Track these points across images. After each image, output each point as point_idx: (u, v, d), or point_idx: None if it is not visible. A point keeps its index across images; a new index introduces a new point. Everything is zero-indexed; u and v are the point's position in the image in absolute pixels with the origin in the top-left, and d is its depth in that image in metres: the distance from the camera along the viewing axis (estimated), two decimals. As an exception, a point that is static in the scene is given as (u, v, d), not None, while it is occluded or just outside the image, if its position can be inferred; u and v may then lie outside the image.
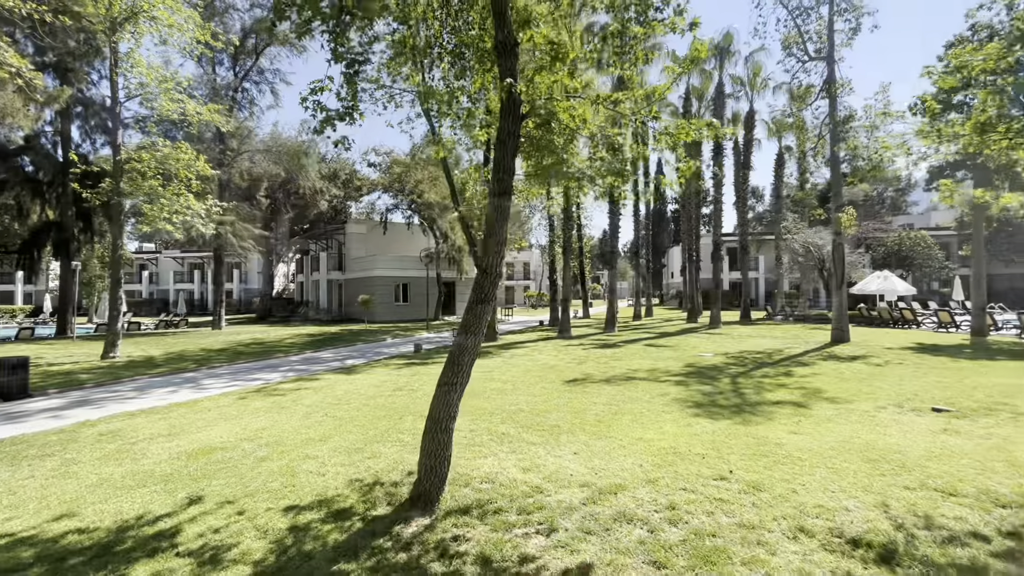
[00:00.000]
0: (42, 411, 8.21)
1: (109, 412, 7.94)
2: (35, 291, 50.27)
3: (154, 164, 14.53)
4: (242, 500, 4.33)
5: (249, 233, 24.49)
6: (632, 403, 7.84)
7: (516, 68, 4.49)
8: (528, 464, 5.10)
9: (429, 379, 10.30)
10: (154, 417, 7.47)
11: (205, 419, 7.26)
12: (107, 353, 13.97)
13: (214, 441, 6.09)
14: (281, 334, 22.03)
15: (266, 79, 26.37)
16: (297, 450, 5.68)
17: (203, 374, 12.01)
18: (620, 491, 4.39)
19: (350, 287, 34.57)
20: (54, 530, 3.84)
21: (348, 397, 8.63)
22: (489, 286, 4.35)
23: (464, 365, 4.29)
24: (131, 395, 9.57)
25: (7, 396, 9.22)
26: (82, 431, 6.73)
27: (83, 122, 21.87)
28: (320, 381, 10.44)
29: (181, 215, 15.00)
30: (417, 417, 7.10)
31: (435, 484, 4.16)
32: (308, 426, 6.72)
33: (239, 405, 8.20)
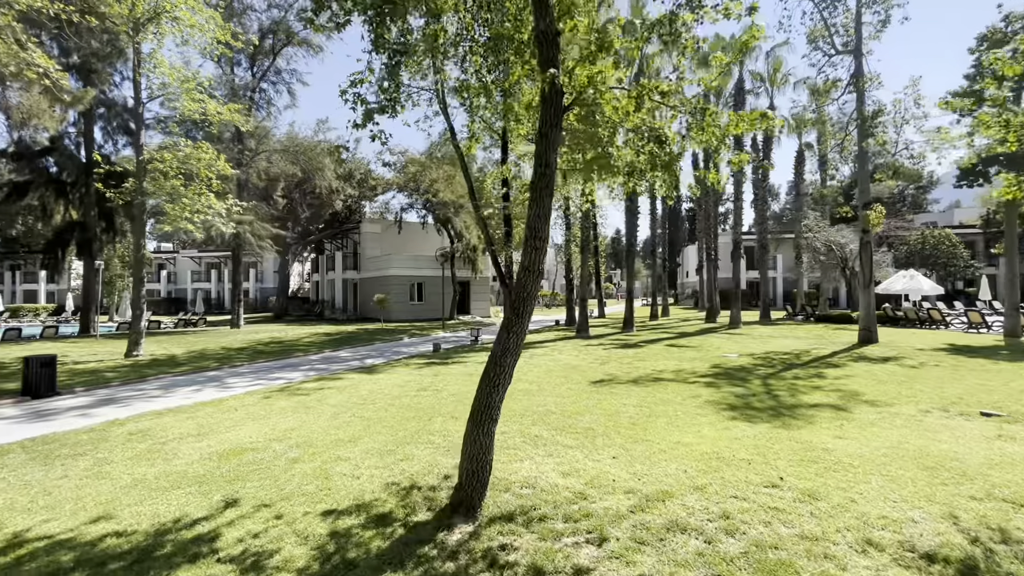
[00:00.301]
0: (70, 409, 8.24)
1: (137, 411, 7.93)
2: (57, 290, 51.26)
3: (176, 164, 14.62)
4: (278, 504, 4.23)
5: (267, 232, 24.63)
6: (664, 405, 7.64)
7: (558, 58, 4.33)
8: (567, 468, 4.94)
9: (452, 379, 10.19)
10: (181, 416, 7.44)
11: (232, 419, 7.21)
12: (131, 351, 14.08)
13: (244, 441, 6.02)
14: (299, 333, 22.10)
15: (283, 79, 26.55)
16: (328, 451, 5.58)
17: (226, 373, 12.03)
18: (668, 498, 4.21)
19: (365, 286, 34.67)
20: (92, 533, 3.77)
21: (373, 397, 8.54)
22: (532, 284, 4.20)
23: (507, 366, 4.14)
24: (157, 394, 9.58)
25: (36, 393, 9.29)
26: (112, 430, 6.71)
27: (105, 123, 22.16)
28: (343, 381, 10.37)
29: (202, 214, 15.08)
30: (447, 418, 6.98)
31: (477, 489, 4.02)
32: (337, 427, 6.63)
33: (265, 404, 8.15)
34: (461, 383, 9.73)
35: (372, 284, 33.47)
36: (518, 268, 4.26)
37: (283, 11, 24.92)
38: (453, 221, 31.89)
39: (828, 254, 27.26)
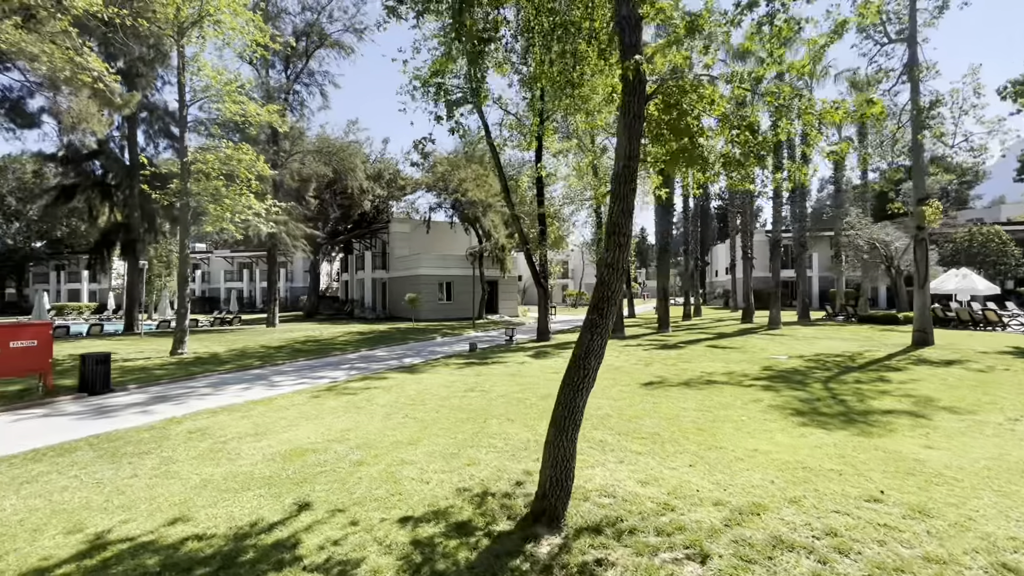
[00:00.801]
0: (128, 406, 8.37)
1: (192, 409, 8.00)
2: (99, 289, 53.13)
3: (218, 165, 14.85)
4: (352, 509, 4.11)
5: (301, 232, 24.95)
6: (726, 410, 7.32)
7: (641, 44, 4.11)
8: (644, 476, 4.70)
9: (497, 379, 10.03)
10: (236, 415, 7.45)
11: (286, 418, 7.18)
12: (176, 349, 14.35)
13: (303, 442, 5.96)
14: (333, 332, 22.31)
15: (315, 81, 26.85)
16: (390, 454, 5.46)
17: (270, 371, 12.13)
18: (762, 511, 3.94)
19: (394, 285, 34.89)
20: (172, 536, 3.71)
21: (421, 398, 8.44)
22: (616, 282, 3.98)
23: (591, 368, 3.93)
24: (207, 391, 9.69)
25: (92, 390, 9.48)
26: (171, 428, 6.74)
27: (147, 126, 22.73)
28: (387, 380, 10.32)
29: (242, 215, 15.29)
30: (502, 420, 6.81)
31: (560, 498, 3.82)
32: (392, 428, 6.53)
33: (315, 404, 8.12)
34: (507, 384, 9.56)
35: (401, 283, 33.66)
36: (599, 266, 4.05)
37: (316, 13, 25.21)
38: (481, 220, 31.80)
39: (871, 252, 26.23)
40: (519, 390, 8.94)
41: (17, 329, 8.89)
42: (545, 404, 7.77)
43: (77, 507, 4.25)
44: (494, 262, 31.89)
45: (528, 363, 12.41)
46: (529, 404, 7.80)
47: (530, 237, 18.01)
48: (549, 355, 13.93)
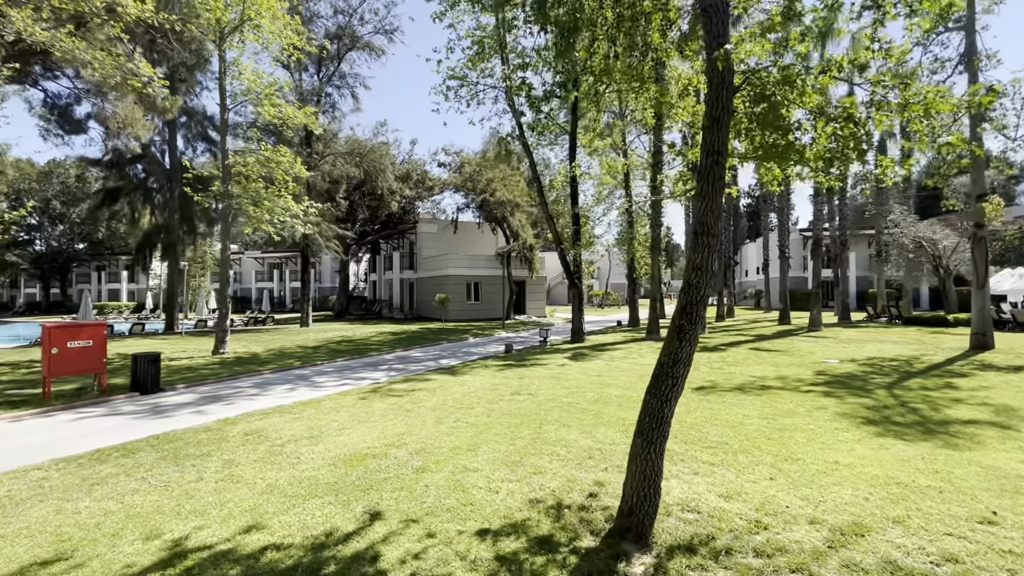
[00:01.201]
0: (180, 406, 8.47)
1: (242, 410, 8.04)
2: (137, 289, 54.92)
3: (257, 168, 15.05)
4: (425, 519, 3.98)
5: (333, 233, 25.23)
6: (790, 417, 6.98)
7: (728, 33, 3.87)
8: (725, 490, 4.45)
9: (541, 382, 9.84)
10: (288, 417, 7.45)
11: (338, 421, 7.14)
12: (217, 349, 14.60)
13: (360, 447, 5.88)
14: (366, 332, 22.47)
15: (347, 83, 27.12)
16: (451, 460, 5.33)
17: (311, 371, 12.21)
18: (865, 532, 3.65)
19: (422, 286, 35.05)
20: (249, 545, 3.63)
21: (469, 401, 8.31)
22: (704, 284, 3.75)
23: (679, 377, 3.71)
24: (254, 392, 9.77)
25: (144, 389, 9.66)
26: (227, 429, 6.76)
27: (186, 131, 23.30)
28: (430, 382, 10.24)
29: (281, 216, 15.47)
30: (558, 426, 6.62)
31: (648, 514, 3.62)
32: (446, 433, 6.40)
33: (363, 406, 8.07)
34: (552, 387, 9.37)
35: (428, 284, 33.79)
36: (686, 268, 3.82)
37: (347, 16, 25.45)
38: (509, 220, 31.70)
39: (917, 251, 25.13)
40: (566, 394, 8.74)
41: (75, 329, 9.11)
42: (597, 409, 7.56)
43: (150, 511, 4.23)
44: (522, 262, 31.73)
45: (568, 366, 12.19)
46: (581, 409, 7.59)
47: (564, 236, 17.77)
48: (587, 357, 13.68)
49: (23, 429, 7.27)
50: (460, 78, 17.44)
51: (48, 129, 21.19)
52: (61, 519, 4.10)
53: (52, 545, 3.67)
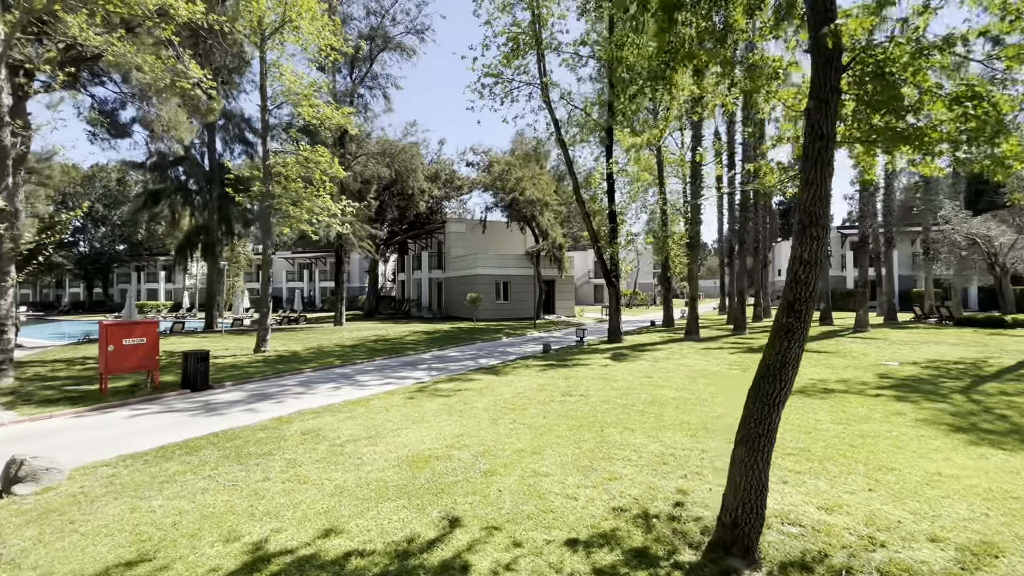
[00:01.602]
0: (231, 403, 8.51)
1: (293, 408, 8.02)
2: (174, 288, 56.61)
3: (297, 168, 15.18)
4: (507, 527, 3.79)
5: (366, 232, 25.41)
6: (866, 423, 6.57)
7: (835, 8, 3.56)
8: (822, 501, 4.14)
9: (588, 383, 9.58)
10: (340, 415, 7.38)
11: (392, 420, 7.03)
12: (259, 347, 14.77)
13: (420, 448, 5.74)
14: (399, 331, 22.54)
15: (378, 84, 27.30)
16: (518, 464, 5.14)
17: (352, 370, 12.22)
18: (1000, 553, 3.31)
19: (450, 285, 35.10)
20: (331, 550, 3.50)
21: (519, 402, 8.12)
22: (813, 280, 3.46)
23: (787, 380, 3.43)
24: (300, 390, 9.78)
25: (194, 386, 9.77)
26: (283, 428, 6.72)
27: (224, 133, 23.77)
28: (475, 382, 10.08)
29: (319, 216, 15.57)
30: (621, 429, 6.36)
31: (754, 527, 3.35)
32: (506, 435, 6.22)
33: (413, 406, 7.96)
34: (601, 389, 9.10)
35: (457, 283, 33.79)
36: (791, 262, 3.53)
37: (380, 17, 25.62)
38: (538, 219, 31.44)
39: (970, 248, 23.90)
40: (619, 396, 8.47)
41: (130, 327, 9.26)
42: (655, 412, 7.27)
43: (223, 511, 4.15)
44: (552, 261, 31.43)
45: (612, 366, 11.90)
46: (639, 411, 7.32)
47: (600, 235, 17.45)
48: (629, 358, 13.35)
49: (85, 424, 7.39)
50: (495, 75, 17.31)
51: (95, 133, 21.91)
52: (137, 518, 4.05)
53: (133, 545, 3.61)
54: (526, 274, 32.64)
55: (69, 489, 4.69)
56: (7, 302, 9.84)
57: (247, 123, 23.41)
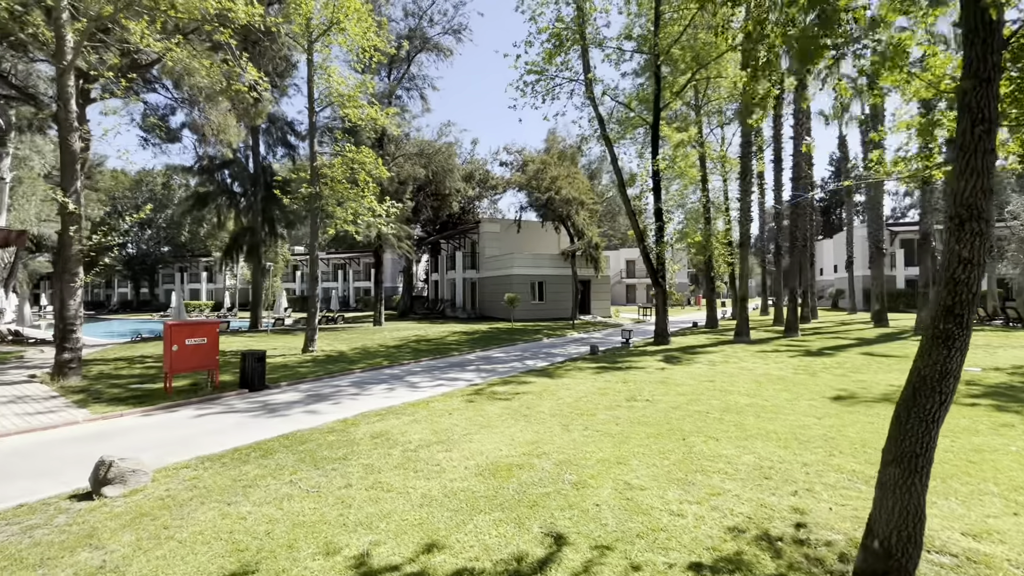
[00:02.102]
0: (291, 404, 8.50)
1: (354, 410, 7.94)
2: (215, 289, 58.45)
3: (343, 169, 15.26)
4: (618, 546, 3.52)
5: (406, 233, 25.54)
6: (974, 435, 6.04)
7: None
8: (965, 527, 3.73)
9: (650, 387, 9.22)
10: (404, 419, 7.25)
11: (458, 425, 6.85)
12: (307, 347, 14.91)
13: (497, 455, 5.53)
14: (438, 331, 22.54)
15: (415, 85, 27.41)
16: (606, 475, 4.87)
17: (401, 371, 12.17)
18: None
19: (484, 285, 35.03)
20: (439, 567, 3.30)
21: (584, 407, 7.84)
22: (975, 281, 3.08)
23: (948, 393, 3.05)
24: (354, 391, 9.74)
25: (251, 386, 9.84)
26: (351, 431, 6.62)
27: (267, 136, 24.27)
28: (530, 384, 9.84)
29: (364, 217, 15.62)
30: (705, 439, 6.01)
31: (911, 557, 2.99)
32: (583, 442, 5.95)
33: (474, 410, 7.77)
34: (665, 393, 8.73)
35: (491, 283, 33.69)
36: (949, 259, 3.15)
37: (417, 18, 25.71)
38: (574, 219, 31.04)
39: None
40: (687, 401, 8.09)
41: (193, 328, 9.38)
42: (734, 419, 6.87)
43: (314, 520, 4.02)
44: (588, 261, 30.99)
45: (669, 370, 11.48)
46: (716, 419, 6.94)
47: (647, 233, 16.99)
48: (682, 360, 12.89)
49: (154, 423, 7.47)
50: (538, 72, 17.08)
51: (147, 138, 22.67)
52: (230, 525, 3.95)
53: (232, 555, 3.50)
54: (561, 274, 32.28)
55: (156, 492, 4.65)
56: (76, 302, 10.13)
57: (289, 126, 23.83)
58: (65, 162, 10.07)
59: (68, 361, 10.05)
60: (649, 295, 58.91)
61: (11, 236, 7.36)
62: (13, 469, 5.50)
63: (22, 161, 29.90)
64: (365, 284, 56.77)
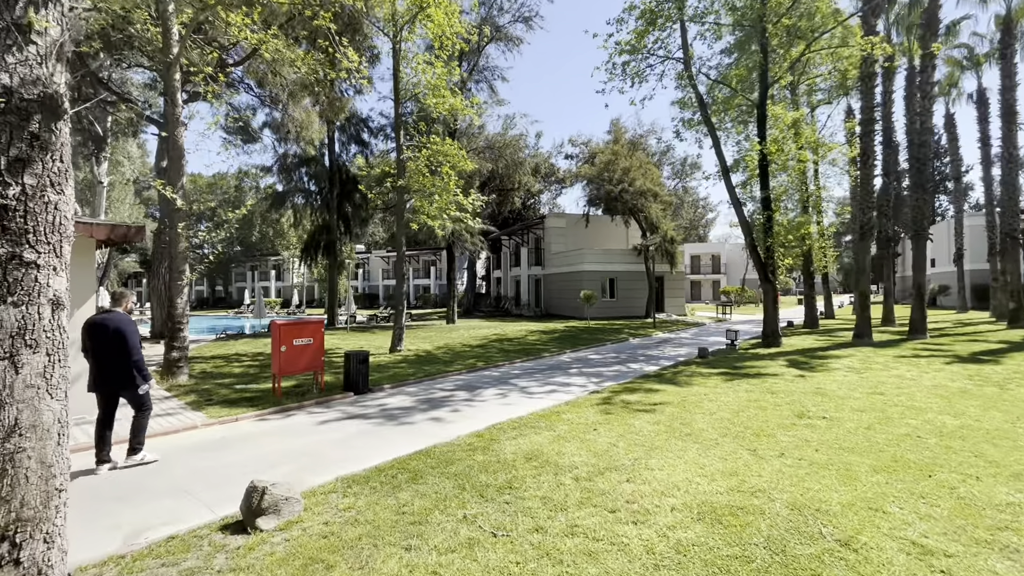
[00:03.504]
0: (406, 411, 7.81)
1: (479, 420, 7.14)
2: (283, 286, 60.73)
3: (427, 162, 14.66)
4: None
5: (478, 228, 24.89)
6: None
7: None
8: None
9: (807, 399, 7.88)
10: (544, 433, 6.34)
11: (616, 445, 5.86)
12: (395, 347, 14.44)
13: (702, 492, 4.48)
14: (514, 329, 21.76)
15: (485, 77, 26.70)
16: (872, 528, 3.71)
17: (500, 373, 11.38)
18: None
19: (549, 282, 34.02)
20: None
21: (748, 423, 6.65)
22: None
23: None
24: (464, 395, 9.00)
25: (356, 389, 9.30)
26: (496, 449, 5.77)
27: (341, 134, 24.27)
28: (660, 393, 8.72)
29: (450, 211, 14.97)
30: (963, 477, 4.70)
31: None
32: (793, 474, 4.80)
33: (619, 424, 6.76)
34: (837, 408, 7.38)
35: (558, 280, 32.64)
36: None
37: (487, 7, 24.94)
38: (647, 212, 29.44)
39: None
40: (875, 420, 6.72)
41: (299, 327, 8.91)
42: (963, 446, 5.48)
43: None
44: (663, 256, 29.31)
45: (810, 377, 10.02)
46: (941, 446, 5.57)
47: (756, 225, 15.40)
48: (813, 366, 11.35)
49: (272, 430, 6.96)
50: (631, 51, 15.85)
51: (230, 140, 23.18)
52: (425, 584, 3.13)
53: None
54: (634, 270, 30.77)
55: (314, 526, 3.94)
56: (183, 300, 9.95)
57: (363, 123, 23.73)
58: (172, 157, 9.89)
59: (176, 360, 9.89)
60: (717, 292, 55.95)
61: (130, 232, 7.01)
62: (147, 483, 5.02)
63: (115, 166, 31.60)
64: (424, 282, 57.16)
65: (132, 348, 5.29)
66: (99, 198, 24.61)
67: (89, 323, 5.34)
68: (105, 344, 5.23)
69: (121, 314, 5.44)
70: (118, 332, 5.26)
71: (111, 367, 5.27)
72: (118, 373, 5.29)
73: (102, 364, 5.26)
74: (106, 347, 5.23)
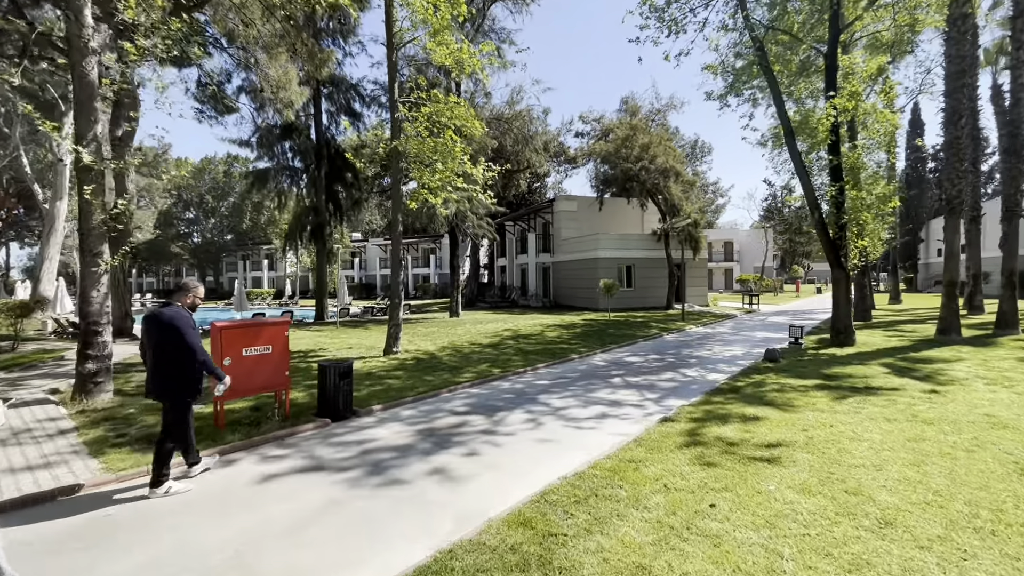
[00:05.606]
0: (400, 452, 5.25)
1: (511, 472, 4.60)
2: (276, 276, 58.06)
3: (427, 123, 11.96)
4: None
5: (485, 209, 22.21)
6: None
7: None
8: None
9: (987, 434, 5.34)
10: (637, 513, 3.81)
11: (769, 547, 3.33)
12: (390, 348, 11.90)
13: None
14: (527, 323, 19.21)
15: (489, 40, 23.82)
16: None
17: (524, 384, 8.83)
18: None
19: (559, 270, 31.42)
20: None
21: (970, 479, 4.12)
22: None
23: None
24: (482, 424, 6.45)
25: (335, 414, 6.78)
26: (558, 561, 3.24)
27: (329, 103, 21.48)
28: (765, 423, 6.18)
29: (457, 182, 12.29)
30: None
31: None
32: None
33: (745, 494, 4.21)
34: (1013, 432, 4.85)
35: (568, 268, 30.04)
36: None
37: (494, -37, 22.03)
38: (667, 193, 26.76)
39: None
40: None
41: (253, 331, 6.33)
42: None
43: None
44: (685, 241, 26.67)
45: (944, 391, 7.47)
46: None
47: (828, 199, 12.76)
48: (927, 374, 8.82)
49: (193, 498, 4.43)
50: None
51: (202, 111, 20.37)
52: None
53: None
54: (653, 257, 28.18)
55: None
56: (99, 293, 7.35)
57: (354, 90, 20.92)
58: (80, 99, 7.22)
59: (93, 374, 7.31)
60: (729, 281, 53.38)
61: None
62: None
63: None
64: (423, 271, 54.50)
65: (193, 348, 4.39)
66: (61, 178, 21.90)
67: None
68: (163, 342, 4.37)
69: (176, 308, 4.51)
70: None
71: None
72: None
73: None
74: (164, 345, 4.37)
